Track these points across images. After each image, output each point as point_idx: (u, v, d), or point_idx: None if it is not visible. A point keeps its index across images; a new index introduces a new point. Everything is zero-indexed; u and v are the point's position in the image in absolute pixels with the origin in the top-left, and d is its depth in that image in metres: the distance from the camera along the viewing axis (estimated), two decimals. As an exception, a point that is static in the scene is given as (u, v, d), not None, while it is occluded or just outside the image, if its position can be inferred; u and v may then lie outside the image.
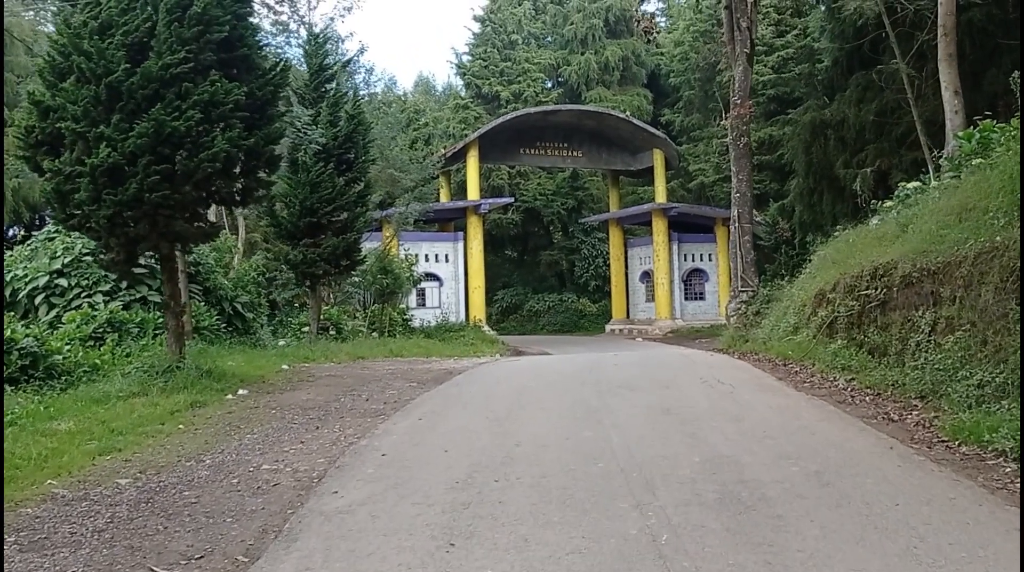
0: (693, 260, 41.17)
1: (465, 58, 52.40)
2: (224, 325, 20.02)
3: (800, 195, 22.85)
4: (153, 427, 9.43)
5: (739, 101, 21.78)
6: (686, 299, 40.86)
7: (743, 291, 21.83)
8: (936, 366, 9.47)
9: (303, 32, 27.87)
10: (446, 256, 36.65)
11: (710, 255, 41.13)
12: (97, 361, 13.05)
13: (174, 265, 12.05)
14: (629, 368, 14.47)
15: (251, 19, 12.03)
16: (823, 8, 23.43)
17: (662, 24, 61.00)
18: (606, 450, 7.50)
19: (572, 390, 11.16)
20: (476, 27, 51.93)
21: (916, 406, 9.32)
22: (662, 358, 17.78)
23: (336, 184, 18.99)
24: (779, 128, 36.43)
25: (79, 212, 10.76)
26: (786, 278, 23.92)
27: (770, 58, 40.00)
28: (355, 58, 29.37)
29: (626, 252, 43.28)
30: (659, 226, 39.03)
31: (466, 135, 39.24)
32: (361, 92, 29.61)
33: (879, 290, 11.79)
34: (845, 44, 20.09)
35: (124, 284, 16.98)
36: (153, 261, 17.23)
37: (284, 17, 28.86)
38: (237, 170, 11.99)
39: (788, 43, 39.57)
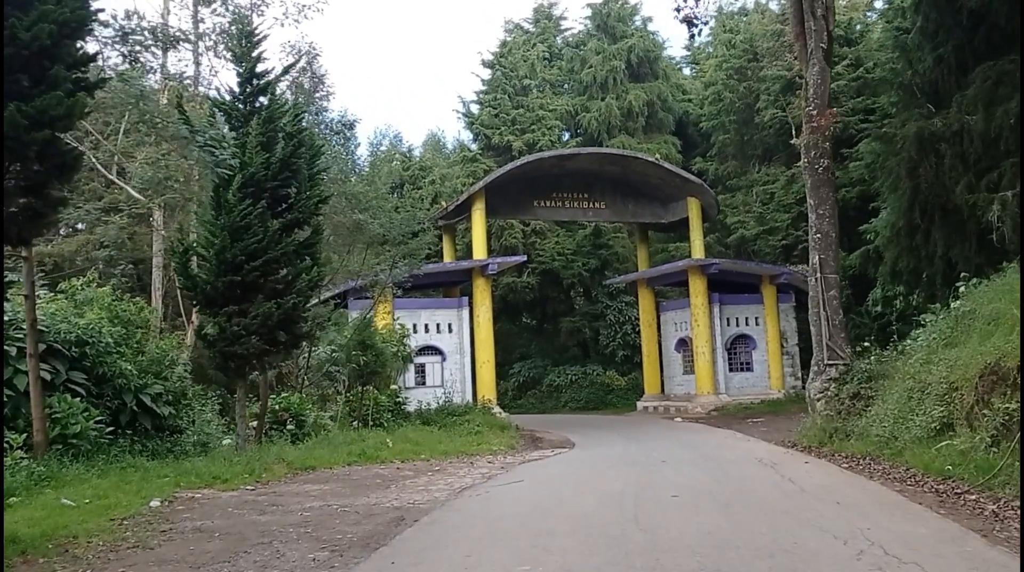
0: (737, 325, 35.29)
1: (473, 107, 47.69)
2: (122, 427, 14.60)
3: (896, 235, 17.26)
4: None
5: (815, 111, 16.40)
6: (731, 370, 34.84)
7: (831, 365, 16.08)
8: None
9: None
10: (449, 325, 31.11)
11: (757, 319, 35.28)
12: None
13: None
14: (698, 502, 8.81)
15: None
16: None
17: (687, 72, 56.49)
18: None
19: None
20: (485, 73, 47.32)
21: None
22: (739, 469, 12.02)
23: (268, 228, 13.67)
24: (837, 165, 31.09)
25: None
26: (881, 347, 18.27)
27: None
28: (307, 62, 23.80)
29: (658, 317, 37.49)
30: (697, 286, 33.36)
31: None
32: (327, 110, 24.11)
33: None
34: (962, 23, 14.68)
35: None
36: None
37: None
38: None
39: (839, 74, 34.48)
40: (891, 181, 16.85)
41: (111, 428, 14.17)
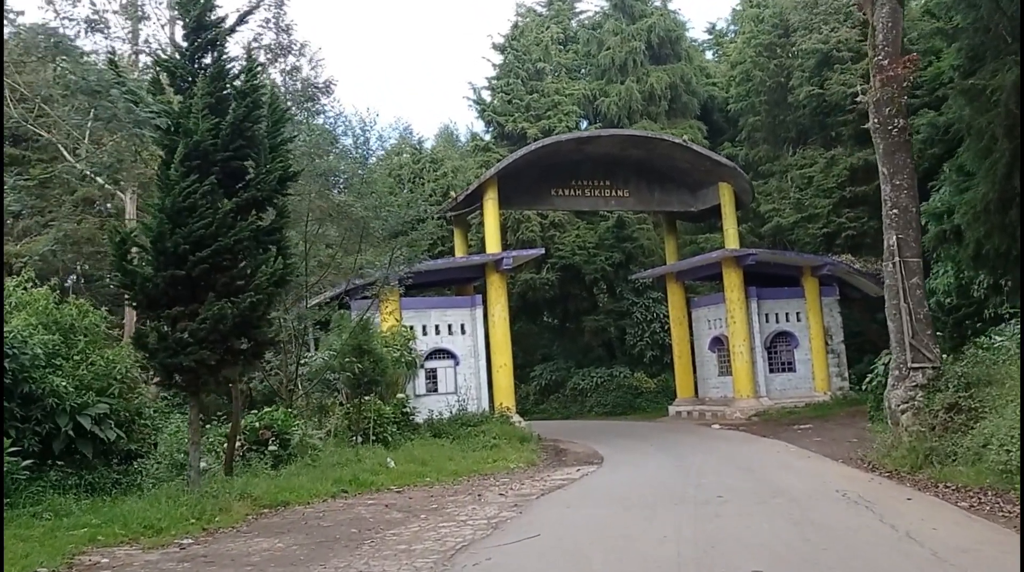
0: (777, 321, 32.23)
1: (485, 94, 44.89)
2: (55, 457, 12.06)
3: (985, 210, 14.36)
4: None
5: (886, 60, 13.60)
6: (771, 371, 31.82)
7: (917, 368, 13.17)
8: None
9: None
10: (462, 326, 28.28)
11: (798, 314, 32.22)
12: None
13: None
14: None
15: None
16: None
17: (710, 57, 53.60)
18: None
19: None
20: (497, 58, 44.60)
21: None
22: (825, 513, 9.11)
23: (218, 209, 10.99)
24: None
25: None
26: (956, 344, 15.42)
27: (857, 65, 31.96)
28: (273, 13, 20.74)
29: (689, 314, 34.52)
30: (732, 279, 30.38)
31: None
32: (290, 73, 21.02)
33: None
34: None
35: None
36: None
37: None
38: None
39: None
40: (983, 145, 13.94)
41: (35, 460, 11.66)
